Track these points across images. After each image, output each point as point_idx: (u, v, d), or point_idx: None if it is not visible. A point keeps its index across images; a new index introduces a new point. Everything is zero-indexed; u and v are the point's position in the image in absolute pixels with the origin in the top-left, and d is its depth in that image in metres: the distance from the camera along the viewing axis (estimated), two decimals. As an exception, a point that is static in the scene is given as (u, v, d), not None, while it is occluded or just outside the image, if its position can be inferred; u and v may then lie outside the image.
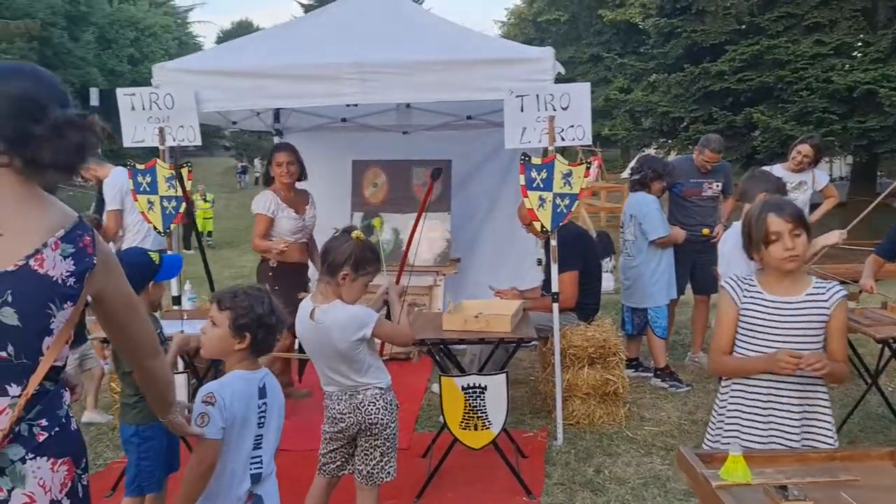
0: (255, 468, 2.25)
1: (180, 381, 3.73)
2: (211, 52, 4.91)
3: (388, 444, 2.86)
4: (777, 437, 2.39)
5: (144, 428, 2.99)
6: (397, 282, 3.48)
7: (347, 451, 2.92)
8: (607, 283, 8.86)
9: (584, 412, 4.62)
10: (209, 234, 16.38)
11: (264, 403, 2.26)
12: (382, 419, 2.81)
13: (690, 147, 16.58)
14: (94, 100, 27.35)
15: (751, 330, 2.43)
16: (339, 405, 2.82)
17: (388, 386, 2.87)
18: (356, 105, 4.96)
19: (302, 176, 4.88)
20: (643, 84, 18.89)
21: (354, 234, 2.82)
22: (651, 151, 18.53)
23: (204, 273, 5.20)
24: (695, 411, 4.89)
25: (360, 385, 2.81)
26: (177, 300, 4.45)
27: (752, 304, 2.42)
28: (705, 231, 5.57)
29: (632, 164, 6.65)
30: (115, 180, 5.29)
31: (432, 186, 3.43)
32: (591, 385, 4.58)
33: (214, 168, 39.06)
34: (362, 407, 2.79)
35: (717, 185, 5.71)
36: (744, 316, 2.44)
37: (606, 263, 9.61)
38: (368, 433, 2.82)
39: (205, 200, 16.47)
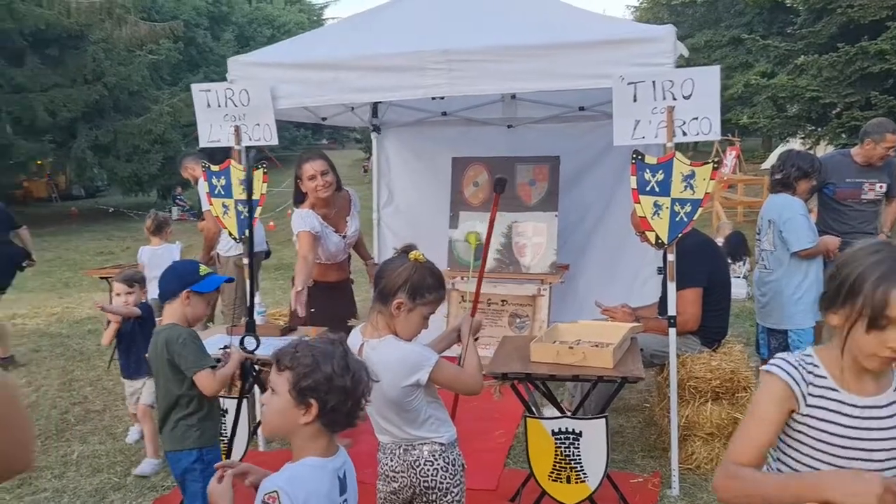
0: None
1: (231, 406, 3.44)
2: (288, 44, 4.56)
3: None
4: None
5: (208, 451, 2.78)
6: (475, 300, 2.95)
7: None
8: (739, 289, 7.93)
9: (705, 456, 3.92)
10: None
11: (345, 501, 1.71)
12: (441, 483, 2.31)
13: (843, 136, 14.96)
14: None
15: (817, 440, 1.60)
16: (391, 461, 2.35)
17: (450, 441, 2.36)
18: (442, 98, 4.47)
19: (338, 186, 4.23)
20: (789, 67, 17.20)
21: (413, 254, 2.32)
22: (797, 142, 16.90)
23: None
24: (846, 459, 4.05)
25: (416, 439, 2.31)
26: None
27: (823, 404, 1.60)
28: None
29: (771, 158, 5.72)
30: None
31: (497, 201, 2.87)
32: (714, 424, 3.88)
33: (344, 161, 40.04)
34: (417, 466, 2.31)
35: (881, 187, 4.77)
36: (806, 420, 1.60)
37: (739, 267, 8.66)
38: (425, 499, 2.33)
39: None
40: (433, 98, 4.59)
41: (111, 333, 4.22)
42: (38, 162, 22.81)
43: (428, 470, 2.30)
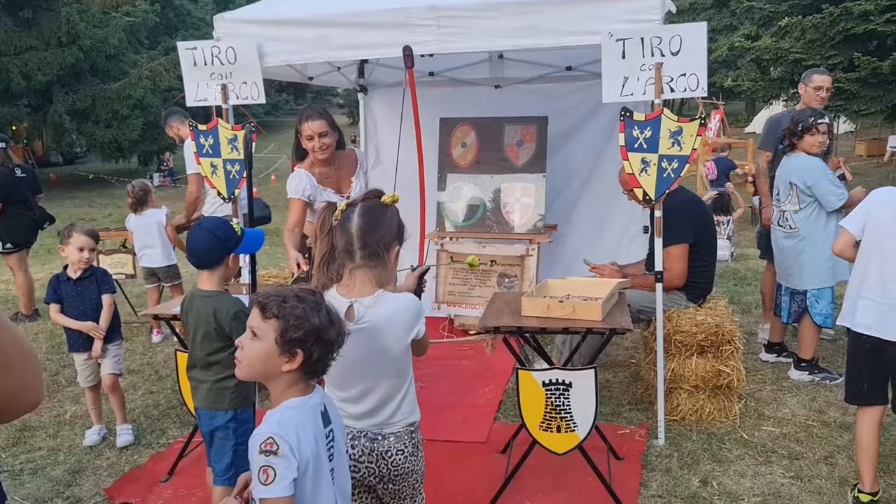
0: None
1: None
2: (275, 1, 4.51)
3: (415, 489, 2.27)
4: None
5: (241, 411, 2.83)
6: (420, 254, 2.96)
7: (368, 499, 2.29)
8: (723, 251, 8.02)
9: (690, 407, 4.01)
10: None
11: (331, 431, 1.78)
12: (409, 466, 2.20)
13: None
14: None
15: None
16: (353, 449, 2.17)
17: (417, 420, 2.25)
18: (431, 56, 4.45)
19: (340, 145, 4.07)
20: (773, 29, 17.22)
21: (387, 198, 2.20)
22: (780, 104, 16.97)
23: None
24: (825, 409, 4.17)
25: (383, 425, 2.16)
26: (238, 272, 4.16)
27: None
28: None
29: (754, 122, 5.78)
30: (194, 141, 5.04)
31: (412, 77, 2.88)
32: (699, 377, 3.97)
33: (326, 126, 39.76)
34: (388, 456, 2.16)
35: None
36: None
37: (723, 228, 8.73)
38: (392, 485, 2.21)
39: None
40: (421, 56, 4.56)
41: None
42: (14, 127, 22.39)
43: (398, 459, 2.18)
